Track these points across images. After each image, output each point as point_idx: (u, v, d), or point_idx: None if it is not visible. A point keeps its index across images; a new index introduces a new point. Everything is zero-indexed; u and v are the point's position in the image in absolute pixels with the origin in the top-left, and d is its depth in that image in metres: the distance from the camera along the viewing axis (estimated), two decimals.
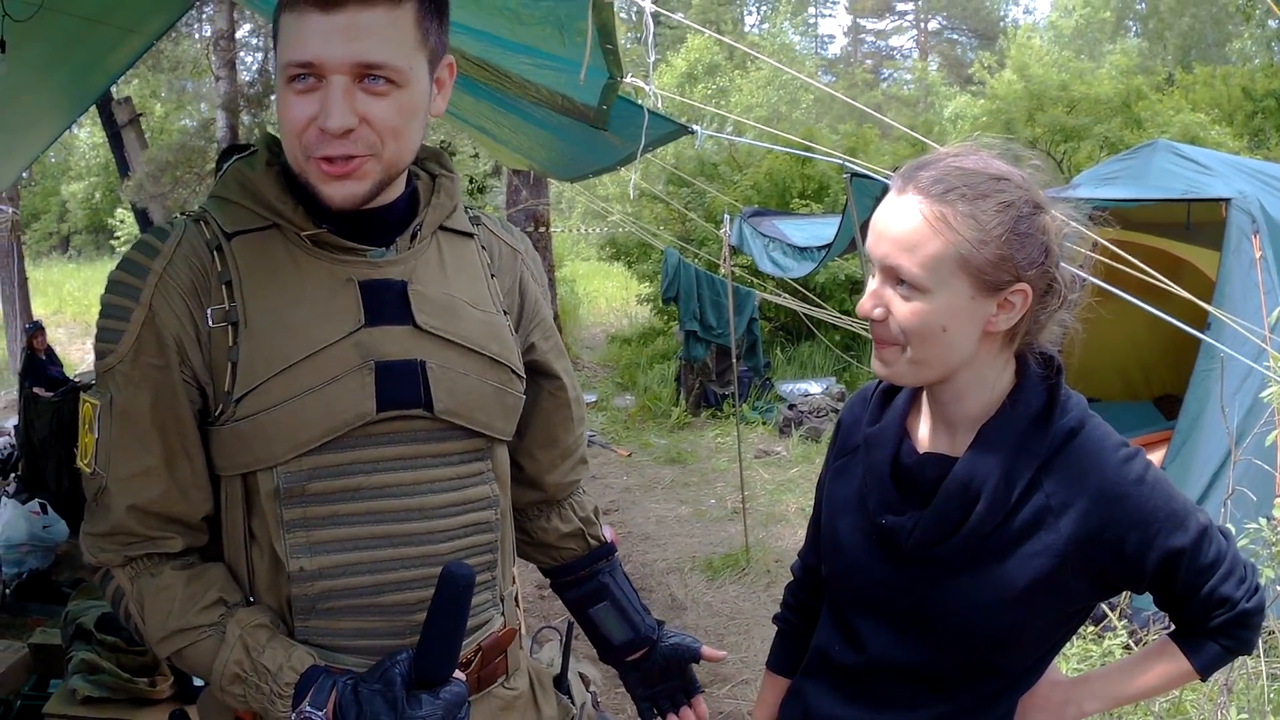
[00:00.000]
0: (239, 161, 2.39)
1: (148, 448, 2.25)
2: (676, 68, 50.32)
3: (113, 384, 2.24)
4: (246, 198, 2.33)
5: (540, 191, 20.17)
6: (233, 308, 2.25)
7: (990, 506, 2.26)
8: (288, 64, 2.15)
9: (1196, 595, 2.30)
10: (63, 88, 7.75)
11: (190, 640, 2.26)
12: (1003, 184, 2.20)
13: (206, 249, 2.28)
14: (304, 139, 2.17)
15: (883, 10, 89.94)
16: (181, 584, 2.28)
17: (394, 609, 2.36)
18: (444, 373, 2.37)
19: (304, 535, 2.28)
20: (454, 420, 2.39)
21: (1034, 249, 2.19)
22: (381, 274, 2.36)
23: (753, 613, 8.54)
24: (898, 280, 2.23)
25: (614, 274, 29.12)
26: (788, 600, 2.96)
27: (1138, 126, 25.45)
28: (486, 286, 2.55)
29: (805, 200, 19.55)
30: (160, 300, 2.22)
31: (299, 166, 2.22)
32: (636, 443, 14.97)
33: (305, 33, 2.11)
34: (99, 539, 2.30)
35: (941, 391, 2.36)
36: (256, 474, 2.27)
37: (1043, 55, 43.57)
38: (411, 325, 2.35)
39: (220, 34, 17.51)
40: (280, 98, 2.21)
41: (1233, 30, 52.74)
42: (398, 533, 2.34)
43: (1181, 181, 8.85)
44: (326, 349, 2.26)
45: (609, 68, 3.76)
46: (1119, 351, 10.91)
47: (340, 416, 2.26)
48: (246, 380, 2.23)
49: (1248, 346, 6.43)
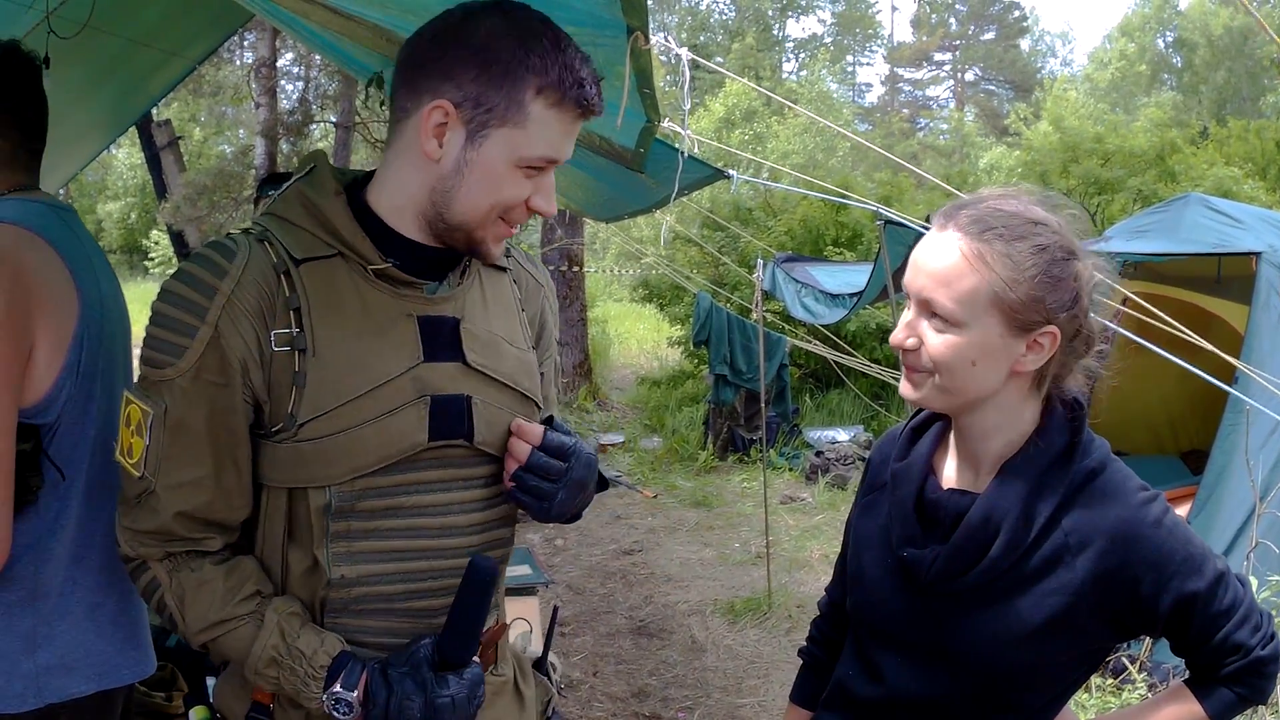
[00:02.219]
0: (302, 184, 2.45)
1: (199, 460, 2.32)
2: (714, 112, 50.38)
3: (169, 394, 2.29)
4: (314, 224, 2.40)
5: (576, 231, 20.20)
6: (299, 334, 2.33)
7: (1009, 543, 2.30)
8: (541, 157, 2.32)
9: (1210, 641, 2.32)
10: (104, 107, 7.78)
11: (229, 629, 2.36)
12: (1040, 228, 2.26)
13: (274, 272, 2.34)
14: (512, 212, 2.37)
15: (920, 60, 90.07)
16: (221, 578, 2.37)
17: (420, 612, 2.50)
18: (485, 408, 2.50)
19: (345, 545, 2.39)
20: (487, 449, 2.51)
21: (1065, 293, 2.25)
22: (437, 310, 2.48)
23: (772, 657, 8.49)
24: (932, 313, 2.30)
25: (646, 316, 29.07)
26: (813, 634, 3.00)
27: (1172, 179, 25.36)
28: (518, 321, 2.67)
29: (839, 248, 19.54)
30: (227, 322, 2.27)
31: (476, 221, 2.36)
32: (662, 484, 14.91)
33: (567, 132, 2.34)
34: (140, 535, 2.36)
35: (968, 429, 2.41)
36: (308, 490, 2.36)
37: (1078, 107, 43.50)
38: (462, 362, 2.48)
39: (262, 61, 17.56)
40: (501, 172, 2.33)
41: (1267, 84, 52.80)
42: (431, 547, 2.47)
43: (1213, 235, 8.84)
44: (389, 382, 2.37)
45: (646, 111, 3.79)
46: (1148, 405, 10.89)
47: (396, 445, 2.38)
48: (312, 406, 2.32)
49: (1275, 401, 6.42)
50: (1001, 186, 2.42)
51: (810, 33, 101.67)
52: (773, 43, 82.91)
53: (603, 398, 21.40)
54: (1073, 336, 2.31)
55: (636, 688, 7.97)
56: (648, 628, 9.25)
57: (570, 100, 2.28)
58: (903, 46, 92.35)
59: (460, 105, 2.27)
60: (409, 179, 2.38)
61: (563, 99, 2.27)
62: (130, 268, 50.46)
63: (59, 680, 2.98)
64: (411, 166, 2.37)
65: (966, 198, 2.39)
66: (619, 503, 13.77)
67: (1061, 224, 2.31)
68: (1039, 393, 2.39)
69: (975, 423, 2.40)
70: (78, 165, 9.52)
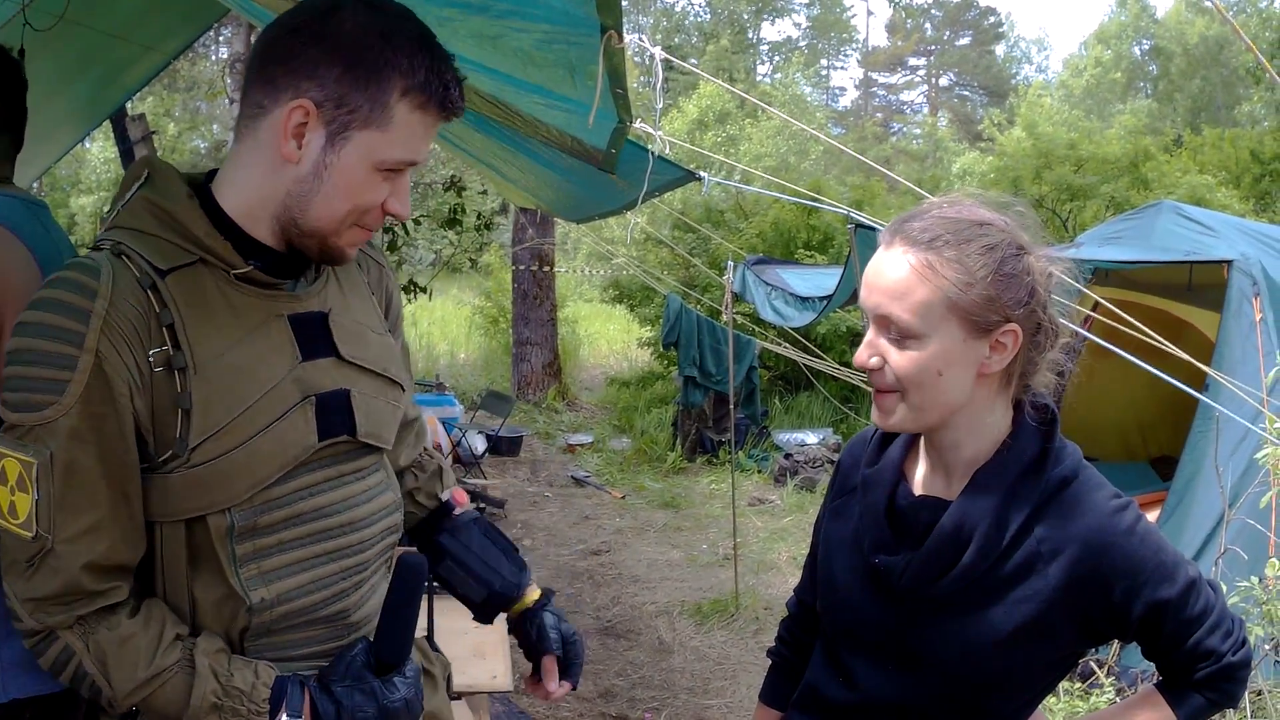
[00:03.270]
0: (145, 190, 2.32)
1: (95, 503, 2.17)
2: (688, 114, 50.35)
3: (52, 440, 2.12)
4: (170, 232, 2.28)
5: (547, 231, 20.23)
6: (176, 353, 2.21)
7: (981, 550, 2.30)
8: (401, 160, 2.28)
9: (1182, 647, 2.33)
10: (78, 101, 7.76)
11: (160, 684, 2.22)
12: (986, 229, 2.28)
13: (139, 287, 2.21)
14: (367, 216, 2.32)
15: (895, 65, 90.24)
16: (141, 630, 2.23)
17: (336, 618, 2.46)
18: (363, 399, 2.47)
19: (255, 566, 2.31)
20: (369, 441, 2.50)
21: (1020, 289, 2.26)
22: (304, 307, 2.42)
23: (740, 659, 8.52)
24: (891, 329, 2.29)
25: (616, 316, 29.07)
26: (782, 635, 2.99)
27: (1145, 187, 25.43)
28: (373, 305, 2.65)
29: (810, 251, 19.53)
30: (106, 345, 2.13)
31: (332, 227, 2.31)
32: (631, 485, 14.92)
33: (427, 134, 2.31)
34: (43, 603, 2.18)
35: (940, 437, 2.41)
36: (206, 517, 2.26)
37: (1052, 114, 43.63)
38: (335, 356, 2.44)
39: (237, 57, 17.57)
40: (361, 176, 2.27)
41: (1242, 93, 53.01)
42: (335, 548, 2.43)
43: (1185, 242, 8.88)
44: (274, 388, 2.31)
45: (619, 112, 3.77)
46: (1118, 411, 10.94)
47: (290, 451, 2.32)
48: (203, 427, 2.21)
49: (1245, 408, 6.44)
50: (944, 196, 2.43)
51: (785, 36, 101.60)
52: (747, 45, 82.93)
53: (572, 398, 21.45)
54: (1034, 332, 2.32)
55: (603, 688, 7.96)
56: (615, 628, 9.24)
57: (435, 103, 2.25)
58: (877, 51, 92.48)
59: (322, 105, 2.20)
60: (262, 181, 2.29)
61: (427, 101, 2.24)
62: None
63: (23, 677, 2.94)
64: (265, 167, 2.28)
65: (910, 212, 2.39)
66: (587, 503, 13.81)
67: (1008, 221, 2.32)
68: (1008, 394, 2.39)
69: (947, 432, 2.39)
70: (51, 159, 9.50)
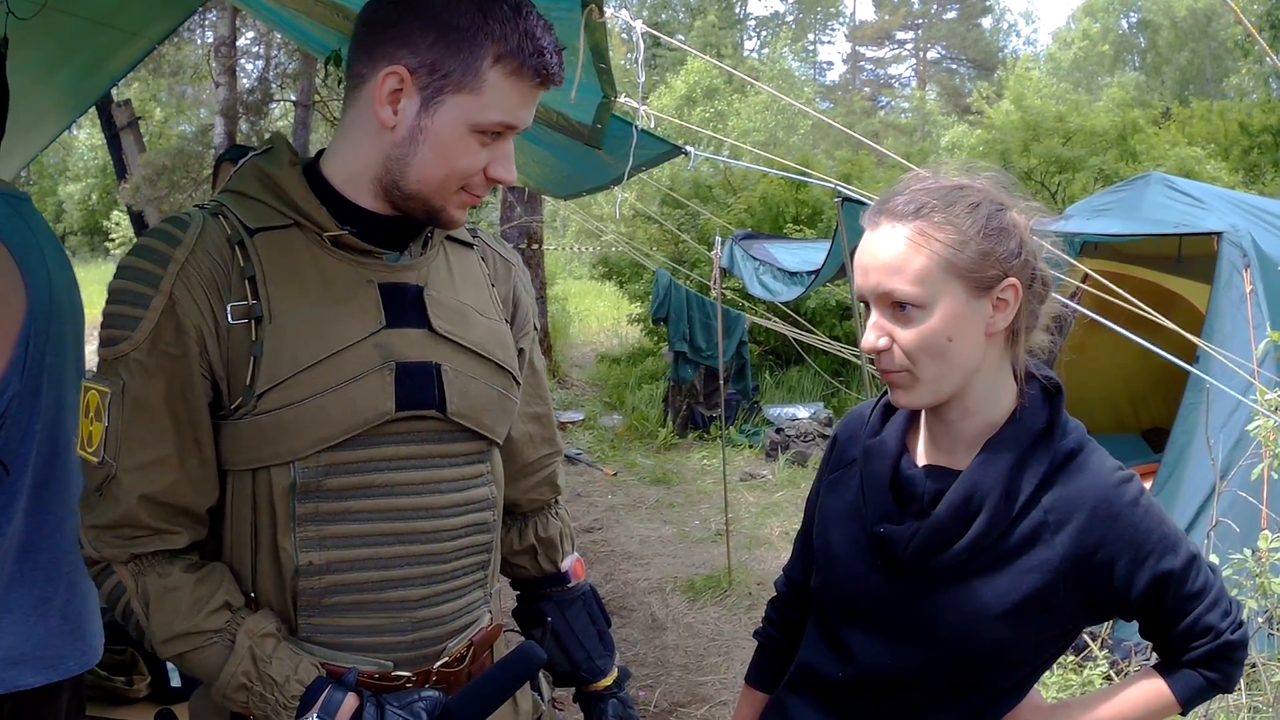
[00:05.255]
0: (258, 158, 2.41)
1: (160, 438, 2.23)
2: (676, 90, 50.40)
3: (125, 371, 2.22)
4: (269, 195, 2.35)
5: (535, 209, 20.20)
6: (255, 304, 2.26)
7: (991, 519, 2.30)
8: (499, 122, 2.27)
9: (1181, 622, 2.32)
10: (64, 88, 7.71)
11: (196, 645, 2.26)
12: (966, 190, 2.30)
13: (227, 243, 2.28)
14: (471, 181, 2.32)
15: (882, 39, 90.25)
16: (190, 586, 2.26)
17: (398, 605, 2.40)
18: (457, 376, 2.43)
19: (315, 530, 2.31)
20: (463, 422, 2.45)
21: (1011, 241, 2.27)
22: (399, 278, 2.42)
23: (733, 635, 8.50)
24: (894, 305, 2.28)
25: (605, 293, 29.11)
26: (770, 615, 2.96)
27: (1133, 159, 25.48)
28: (489, 294, 2.61)
29: (799, 225, 19.56)
30: (182, 289, 2.21)
31: (433, 190, 2.32)
32: (622, 462, 14.93)
33: (524, 100, 2.30)
34: (103, 531, 2.25)
35: (949, 410, 2.40)
36: (271, 469, 2.28)
37: (1040, 87, 43.64)
38: (427, 329, 2.41)
39: (222, 40, 17.53)
40: (456, 140, 2.28)
41: (1231, 66, 53.07)
42: (405, 530, 2.39)
43: (1174, 214, 8.85)
44: (350, 348, 2.30)
45: (603, 86, 3.75)
46: (1109, 383, 10.93)
47: (361, 414, 2.30)
48: (270, 375, 2.24)
49: (1236, 380, 6.43)
50: (912, 174, 2.44)
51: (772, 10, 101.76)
52: (734, 21, 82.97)
53: (563, 375, 21.45)
54: (1030, 282, 2.32)
55: None
56: (608, 606, 9.13)
57: (529, 68, 2.24)
58: (865, 25, 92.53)
59: (415, 71, 2.23)
60: (364, 147, 2.33)
61: (521, 67, 2.23)
62: (91, 249, 50.58)
63: (6, 673, 2.94)
64: (366, 134, 2.32)
65: (888, 192, 2.40)
66: (579, 480, 13.80)
67: (984, 181, 2.35)
68: (1011, 356, 2.39)
69: (959, 402, 2.39)
70: (38, 147, 9.47)
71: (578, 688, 2.99)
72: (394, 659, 2.41)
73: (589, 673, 2.95)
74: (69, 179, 53.98)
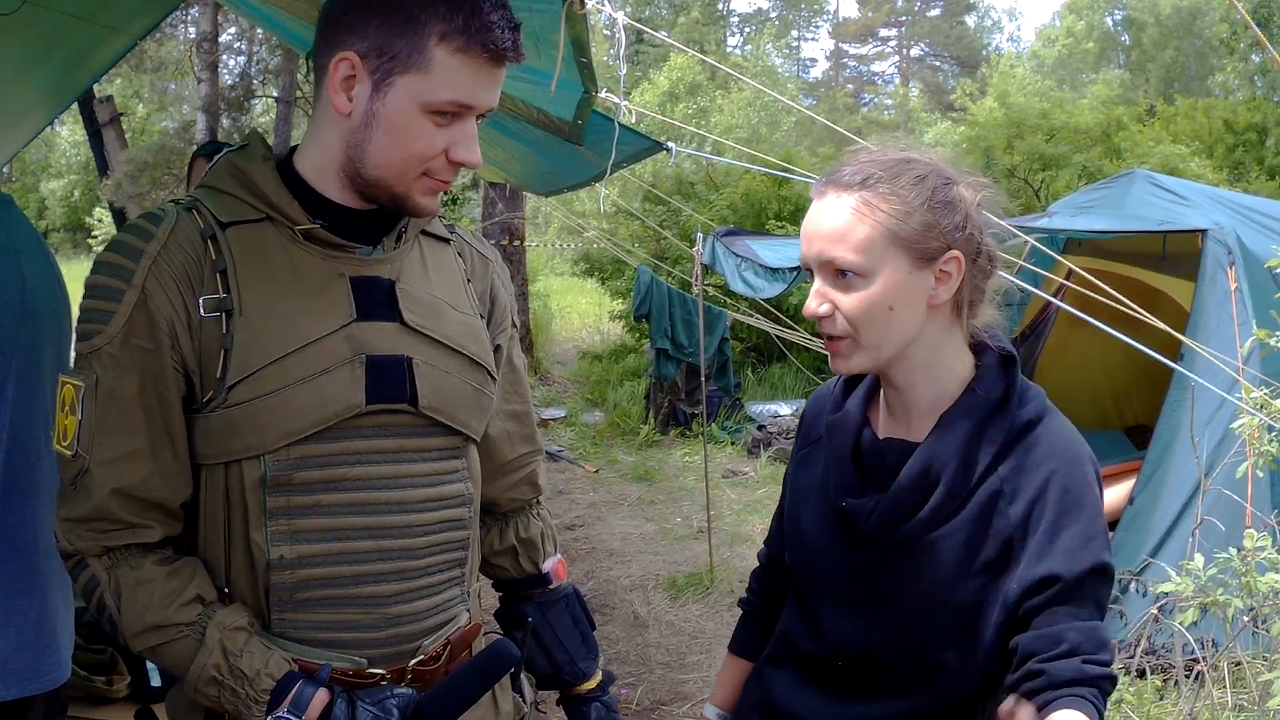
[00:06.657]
0: (232, 154, 2.42)
1: (133, 430, 2.26)
2: (659, 86, 50.42)
3: (98, 365, 2.24)
4: (241, 189, 2.37)
5: (516, 205, 20.23)
6: (226, 297, 2.28)
7: (949, 490, 2.32)
8: (450, 101, 2.26)
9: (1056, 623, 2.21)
10: (45, 84, 7.68)
11: (167, 638, 2.28)
12: (913, 163, 2.36)
13: (200, 238, 2.31)
14: (432, 165, 2.31)
15: (866, 36, 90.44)
16: (162, 579, 2.28)
17: (370, 600, 2.40)
18: (429, 370, 2.44)
19: (285, 524, 2.31)
20: (436, 416, 2.46)
21: (956, 214, 2.32)
22: (371, 271, 2.43)
23: (715, 632, 8.49)
24: (837, 273, 2.33)
25: (587, 290, 29.15)
26: (752, 586, 2.99)
27: (1117, 156, 25.50)
28: (464, 290, 2.62)
29: (781, 222, 19.53)
30: (154, 283, 2.24)
31: (394, 176, 2.32)
32: (604, 459, 14.94)
33: (478, 78, 2.27)
34: (76, 525, 2.28)
35: (895, 377, 2.44)
36: (242, 462, 2.29)
37: (1024, 84, 43.68)
38: (399, 322, 2.42)
39: (204, 36, 17.53)
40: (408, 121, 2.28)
41: (1215, 64, 53.22)
42: (377, 525, 2.39)
43: (1158, 212, 8.88)
44: (319, 341, 2.32)
45: (583, 82, 3.73)
46: (1092, 380, 10.95)
47: (331, 407, 2.31)
48: (240, 367, 2.26)
49: (1221, 378, 6.44)
50: (859, 146, 2.52)
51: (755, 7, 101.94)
52: (717, 17, 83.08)
53: (544, 372, 21.46)
54: (975, 256, 2.36)
55: None
56: (590, 603, 9.14)
57: (476, 44, 2.23)
58: (848, 22, 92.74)
59: (365, 56, 2.25)
60: (327, 138, 2.35)
61: (468, 44, 2.23)
62: (74, 246, 50.66)
63: None
64: (328, 124, 2.35)
65: (837, 163, 2.45)
66: (560, 477, 13.80)
67: (931, 156, 2.40)
68: (960, 331, 2.43)
69: (901, 370, 2.42)
70: (19, 144, 9.46)
71: (561, 691, 2.99)
72: (368, 656, 2.41)
73: (571, 675, 2.95)
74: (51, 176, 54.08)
